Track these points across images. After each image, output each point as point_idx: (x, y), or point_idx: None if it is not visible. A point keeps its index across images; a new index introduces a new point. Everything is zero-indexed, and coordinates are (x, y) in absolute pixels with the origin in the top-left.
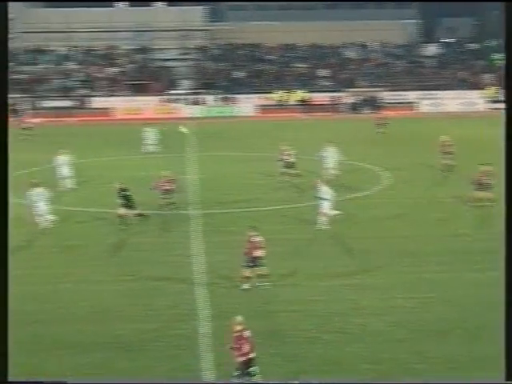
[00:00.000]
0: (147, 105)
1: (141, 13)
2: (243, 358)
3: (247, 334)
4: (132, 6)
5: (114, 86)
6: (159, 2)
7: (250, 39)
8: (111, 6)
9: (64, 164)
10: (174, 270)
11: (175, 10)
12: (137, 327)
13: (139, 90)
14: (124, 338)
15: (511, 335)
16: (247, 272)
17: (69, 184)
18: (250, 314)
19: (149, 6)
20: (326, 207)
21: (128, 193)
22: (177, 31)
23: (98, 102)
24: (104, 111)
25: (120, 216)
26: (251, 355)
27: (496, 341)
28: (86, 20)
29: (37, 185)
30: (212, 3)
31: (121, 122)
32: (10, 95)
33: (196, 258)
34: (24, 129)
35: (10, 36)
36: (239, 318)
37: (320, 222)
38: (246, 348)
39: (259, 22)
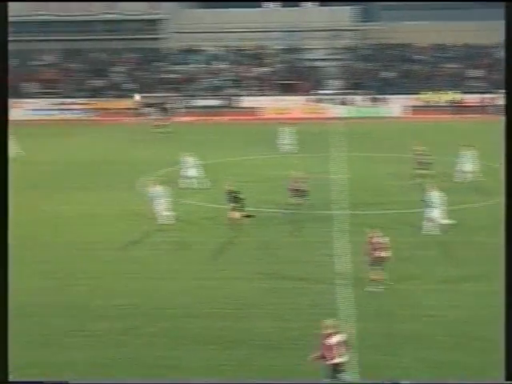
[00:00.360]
0: (295, 104)
1: (291, 13)
2: (331, 362)
3: (337, 337)
4: (283, 6)
5: (262, 86)
6: (309, 2)
7: (401, 39)
8: (261, 7)
9: (191, 164)
10: (314, 270)
11: (325, 9)
12: (278, 325)
13: (287, 89)
14: (266, 336)
15: (511, 336)
16: (374, 274)
17: (196, 183)
18: (392, 317)
19: (299, 6)
20: (436, 213)
21: (239, 195)
22: (326, 31)
23: (246, 101)
24: (252, 110)
25: (230, 218)
26: (339, 359)
27: None
28: (236, 20)
29: (158, 183)
30: (364, 3)
31: (268, 122)
32: (161, 94)
33: (337, 258)
34: (158, 127)
35: (163, 36)
36: (329, 321)
37: (426, 227)
38: (334, 352)
39: (410, 22)
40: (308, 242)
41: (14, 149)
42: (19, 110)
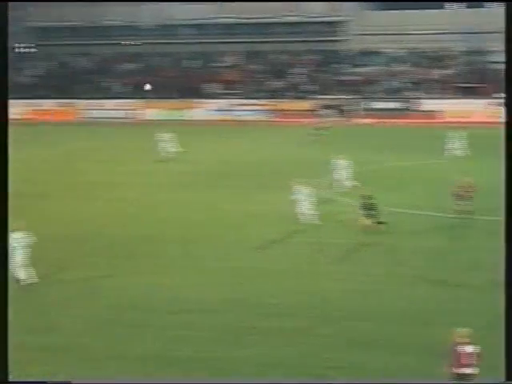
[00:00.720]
0: (476, 108)
1: (475, 14)
2: (458, 371)
3: (470, 348)
4: (467, 6)
5: (443, 89)
6: (495, 3)
7: None
8: (444, 8)
9: (342, 166)
10: (486, 277)
11: None
12: (444, 332)
13: (469, 92)
14: (440, 344)
15: (511, 335)
16: None
17: (346, 186)
18: None
19: (483, 6)
20: None
21: (371, 201)
22: None
23: (426, 104)
24: (431, 114)
25: (360, 224)
26: (467, 370)
27: None
28: (417, 22)
29: (304, 184)
30: None
31: (448, 125)
32: (343, 96)
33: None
34: (317, 129)
35: (344, 38)
36: (464, 330)
37: None
38: (462, 361)
39: None
40: (473, 249)
41: (173, 147)
42: (201, 110)
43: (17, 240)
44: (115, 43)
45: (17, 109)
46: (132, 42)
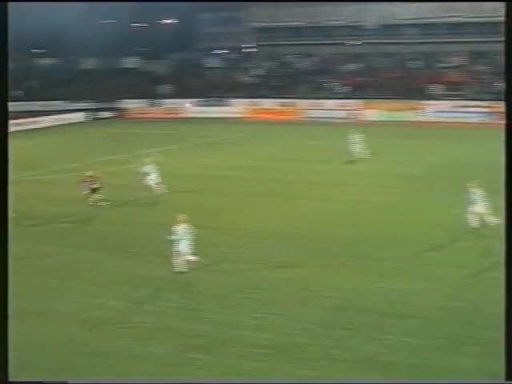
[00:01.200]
0: None
1: None
2: None
3: None
4: None
5: None
6: None
7: None
8: None
9: None
10: None
11: None
12: None
13: None
14: None
15: (511, 335)
16: None
17: None
18: None
19: None
20: None
21: None
22: None
23: None
24: None
25: None
26: None
27: None
28: None
29: (476, 187)
30: None
31: None
32: None
33: None
34: None
35: None
36: None
37: None
38: None
39: None
40: None
41: (366, 149)
42: (423, 112)
43: (181, 231)
44: (337, 43)
45: (238, 107)
46: (353, 42)
